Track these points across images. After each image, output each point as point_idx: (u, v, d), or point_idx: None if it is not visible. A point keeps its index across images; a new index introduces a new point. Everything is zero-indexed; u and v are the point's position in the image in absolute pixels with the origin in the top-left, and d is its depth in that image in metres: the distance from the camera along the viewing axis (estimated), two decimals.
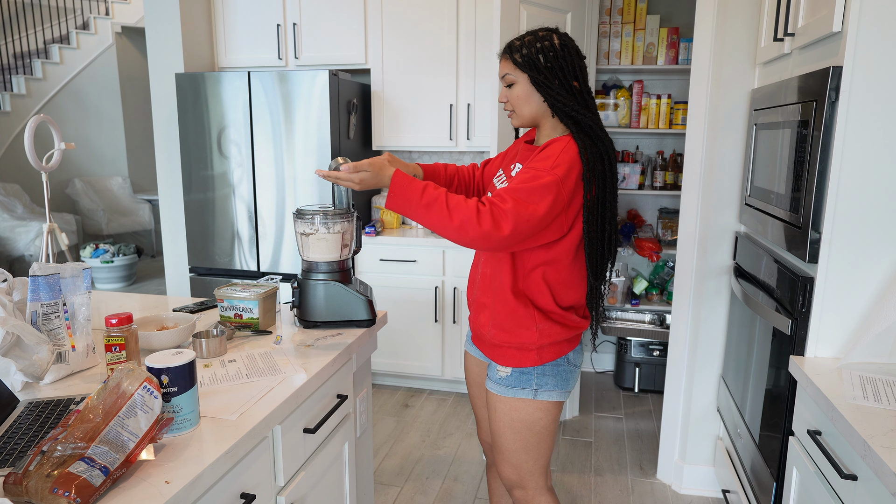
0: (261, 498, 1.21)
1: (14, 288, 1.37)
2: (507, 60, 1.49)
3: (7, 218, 5.53)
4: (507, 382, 1.56)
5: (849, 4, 1.41)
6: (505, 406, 1.57)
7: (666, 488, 2.57)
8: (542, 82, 1.45)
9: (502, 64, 1.51)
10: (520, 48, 1.47)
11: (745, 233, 2.26)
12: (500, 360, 1.57)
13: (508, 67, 1.49)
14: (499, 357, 1.57)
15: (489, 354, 1.60)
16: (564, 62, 1.45)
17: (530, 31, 1.50)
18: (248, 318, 1.65)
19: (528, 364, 1.55)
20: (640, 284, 3.54)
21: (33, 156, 3.03)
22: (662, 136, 3.59)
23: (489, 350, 1.60)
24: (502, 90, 1.54)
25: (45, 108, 6.27)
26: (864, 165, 1.44)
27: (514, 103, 1.51)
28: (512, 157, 1.64)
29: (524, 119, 1.53)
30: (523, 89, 1.48)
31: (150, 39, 3.39)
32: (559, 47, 1.45)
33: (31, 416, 1.14)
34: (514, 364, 1.55)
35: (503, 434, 1.59)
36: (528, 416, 1.57)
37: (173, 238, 3.60)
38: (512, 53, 1.48)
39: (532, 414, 1.57)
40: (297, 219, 1.67)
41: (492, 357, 1.59)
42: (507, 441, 1.59)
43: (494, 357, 1.58)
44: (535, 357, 1.54)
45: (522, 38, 1.49)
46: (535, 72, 1.45)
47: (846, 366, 1.47)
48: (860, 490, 1.17)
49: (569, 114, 1.46)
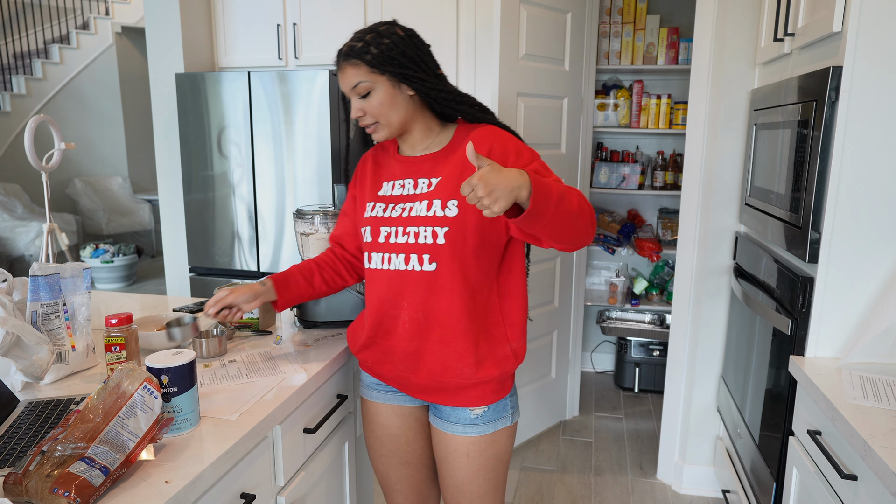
0: (261, 498, 1.21)
1: (14, 288, 1.37)
2: (357, 66, 1.24)
3: (7, 218, 5.53)
4: (485, 419, 1.35)
5: (849, 4, 1.41)
6: (480, 447, 1.36)
7: (666, 488, 2.57)
8: (412, 77, 1.24)
9: (348, 73, 1.26)
10: (367, 48, 1.23)
11: (745, 233, 2.26)
12: (474, 402, 1.34)
13: (361, 74, 1.24)
14: (471, 399, 1.34)
15: (451, 401, 1.35)
16: (420, 50, 1.27)
17: (366, 28, 1.28)
18: (248, 318, 1.65)
19: (506, 393, 1.38)
20: (640, 284, 3.54)
21: (33, 156, 3.03)
22: (662, 136, 3.58)
23: (451, 396, 1.34)
24: (355, 105, 1.28)
25: (45, 108, 6.27)
26: (864, 165, 1.44)
27: (376, 113, 1.27)
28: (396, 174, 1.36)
29: (394, 127, 1.30)
30: (385, 93, 1.25)
31: (150, 39, 3.39)
32: (409, 37, 1.27)
33: (31, 416, 1.14)
34: (493, 399, 1.35)
35: (475, 479, 1.38)
36: (502, 447, 1.39)
37: (173, 238, 3.60)
38: (360, 56, 1.24)
39: (506, 443, 1.39)
40: (297, 219, 1.67)
41: (458, 402, 1.34)
42: (478, 486, 1.39)
43: (463, 401, 1.34)
44: (509, 382, 1.38)
45: (362, 37, 1.25)
46: (399, 67, 1.23)
47: (846, 366, 1.47)
48: (860, 490, 1.17)
49: (461, 101, 1.30)
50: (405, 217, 1.30)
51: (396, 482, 1.52)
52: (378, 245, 1.34)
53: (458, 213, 1.26)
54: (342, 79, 1.28)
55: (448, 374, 1.32)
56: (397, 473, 1.51)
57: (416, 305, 1.31)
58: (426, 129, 1.34)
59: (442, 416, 1.39)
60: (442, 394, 1.35)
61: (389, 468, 1.51)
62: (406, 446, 1.48)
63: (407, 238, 1.29)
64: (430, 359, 1.33)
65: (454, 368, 1.31)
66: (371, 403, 1.48)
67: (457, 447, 1.37)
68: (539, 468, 2.72)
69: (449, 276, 1.28)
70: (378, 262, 1.34)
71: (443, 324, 1.30)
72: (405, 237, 1.29)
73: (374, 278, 1.36)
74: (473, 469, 1.37)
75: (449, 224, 1.26)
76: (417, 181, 1.32)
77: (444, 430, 1.38)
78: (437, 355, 1.32)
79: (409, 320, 1.32)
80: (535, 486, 2.57)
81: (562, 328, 3.07)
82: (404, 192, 1.33)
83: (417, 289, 1.30)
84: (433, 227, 1.27)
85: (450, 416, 1.37)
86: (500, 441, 1.38)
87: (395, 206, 1.33)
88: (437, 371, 1.33)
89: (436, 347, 1.32)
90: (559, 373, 3.09)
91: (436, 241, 1.27)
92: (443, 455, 1.40)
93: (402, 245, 1.30)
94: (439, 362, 1.32)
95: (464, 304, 1.29)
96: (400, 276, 1.31)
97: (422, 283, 1.29)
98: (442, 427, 1.39)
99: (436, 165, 1.31)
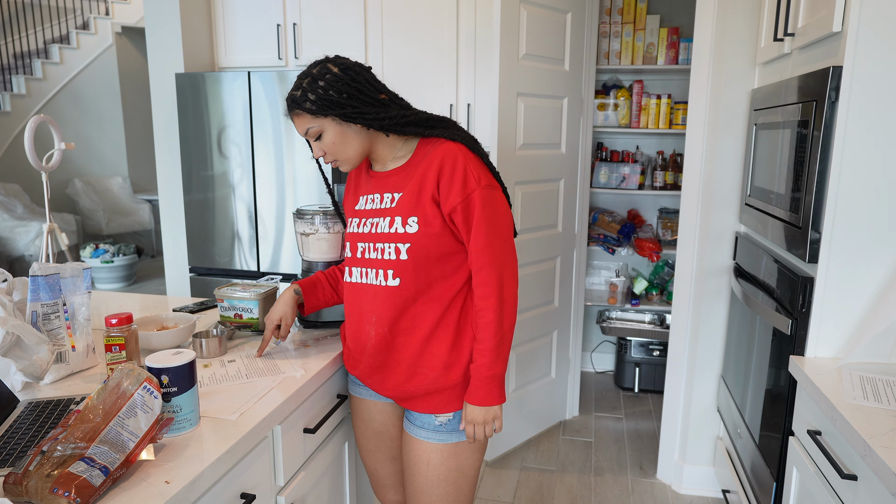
0: (261, 498, 1.21)
1: (14, 288, 1.37)
2: (301, 115, 1.30)
3: (7, 218, 5.53)
4: (448, 428, 1.37)
5: (849, 4, 1.41)
6: (442, 456, 1.37)
7: (666, 488, 2.57)
8: (353, 114, 1.28)
9: (296, 121, 1.32)
10: (305, 96, 1.28)
11: (745, 233, 2.26)
12: (439, 408, 1.36)
13: (307, 121, 1.30)
14: (436, 405, 1.36)
15: (417, 407, 1.38)
16: (357, 83, 1.29)
17: (303, 72, 1.32)
18: (248, 318, 1.65)
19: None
20: (640, 284, 3.54)
21: (33, 156, 3.03)
22: (662, 136, 3.58)
23: (418, 402, 1.38)
24: (314, 147, 1.34)
25: (45, 108, 6.27)
26: (864, 165, 1.44)
27: (333, 152, 1.33)
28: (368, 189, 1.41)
29: (354, 159, 1.35)
30: (335, 133, 1.30)
31: (150, 39, 3.39)
32: (342, 72, 1.29)
33: (31, 416, 1.14)
34: (457, 406, 1.36)
35: (434, 489, 1.39)
36: (466, 461, 1.39)
37: (173, 238, 3.60)
38: (301, 106, 1.29)
39: (471, 457, 1.40)
40: (296, 219, 1.67)
41: (423, 409, 1.37)
42: (437, 497, 1.39)
43: (428, 407, 1.37)
44: None
45: (299, 85, 1.30)
46: (338, 108, 1.28)
47: (846, 366, 1.47)
48: (860, 490, 1.17)
49: (407, 122, 1.32)
50: (373, 234, 1.35)
51: (385, 477, 1.56)
52: (357, 260, 1.39)
53: (419, 228, 1.30)
54: (295, 125, 1.34)
55: (413, 381, 1.36)
56: (385, 469, 1.55)
57: (382, 320, 1.35)
58: (388, 147, 1.38)
59: (410, 419, 1.42)
60: (410, 401, 1.39)
61: (377, 464, 1.55)
62: (391, 442, 1.52)
63: (377, 254, 1.35)
64: (396, 369, 1.37)
65: (420, 375, 1.36)
66: (357, 399, 1.53)
67: (418, 452, 1.39)
68: (539, 468, 2.72)
69: (413, 290, 1.33)
70: (358, 276, 1.39)
71: (408, 336, 1.35)
72: (375, 253, 1.35)
73: (350, 292, 1.43)
74: (433, 478, 1.39)
75: (410, 241, 1.30)
76: (384, 196, 1.36)
77: (409, 433, 1.42)
78: (403, 365, 1.36)
79: (375, 335, 1.37)
80: (535, 486, 2.57)
81: (562, 328, 3.07)
82: (373, 207, 1.37)
83: (385, 304, 1.35)
84: (395, 243, 1.32)
85: (416, 419, 1.40)
86: (465, 454, 1.39)
87: (366, 220, 1.38)
88: (402, 380, 1.37)
89: (401, 357, 1.36)
90: (559, 373, 3.09)
91: (398, 256, 1.31)
92: (406, 459, 1.43)
93: (373, 261, 1.35)
94: (404, 372, 1.37)
95: (431, 314, 1.34)
96: (371, 291, 1.37)
97: (388, 298, 1.34)
98: (409, 430, 1.42)
99: (399, 181, 1.35)
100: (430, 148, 1.33)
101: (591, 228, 3.56)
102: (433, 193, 1.29)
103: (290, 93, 1.32)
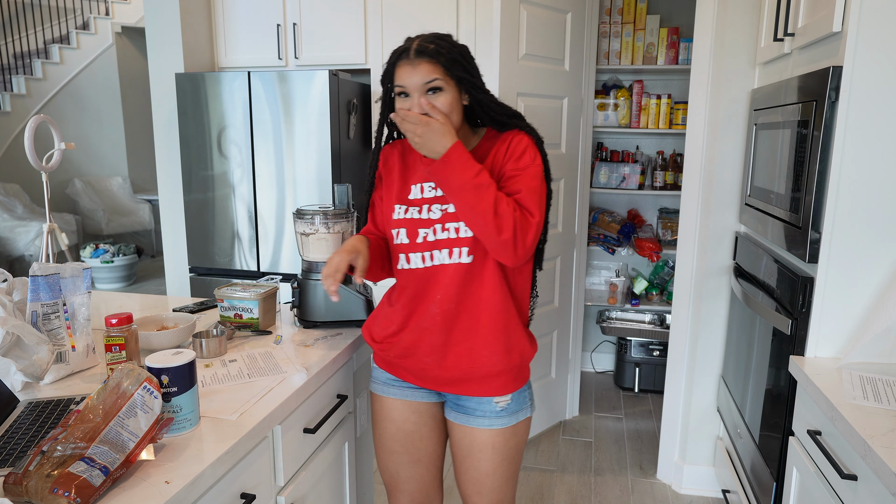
0: (261, 498, 1.21)
1: (14, 288, 1.37)
2: (433, 64, 1.27)
3: (7, 218, 5.53)
4: (509, 410, 1.40)
5: (849, 4, 1.41)
6: (504, 438, 1.41)
7: (666, 488, 2.57)
8: (474, 87, 1.32)
9: (423, 68, 1.27)
10: (441, 51, 1.28)
11: (745, 233, 2.26)
12: (499, 391, 1.39)
13: (436, 72, 1.27)
14: (496, 388, 1.38)
15: (474, 391, 1.39)
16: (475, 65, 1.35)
17: (430, 34, 1.32)
18: (248, 318, 1.65)
19: (525, 380, 1.43)
20: (640, 284, 3.54)
21: (33, 156, 3.03)
22: (662, 136, 3.58)
23: (476, 385, 1.38)
24: (417, 100, 1.28)
25: (45, 108, 6.27)
26: (864, 165, 1.44)
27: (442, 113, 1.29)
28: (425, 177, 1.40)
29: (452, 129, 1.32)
30: (453, 96, 1.30)
31: (150, 39, 3.39)
32: (467, 50, 1.34)
33: (31, 416, 1.14)
34: (515, 387, 1.40)
35: (497, 471, 1.42)
36: (521, 438, 1.44)
37: (173, 238, 3.60)
38: (436, 57, 1.27)
39: (524, 434, 1.44)
40: (297, 219, 1.67)
41: (482, 392, 1.39)
42: (497, 477, 1.43)
43: (489, 390, 1.38)
44: (527, 371, 1.44)
45: (433, 40, 1.30)
46: (466, 75, 1.30)
47: (846, 366, 1.47)
48: (860, 490, 1.17)
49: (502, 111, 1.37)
50: (444, 215, 1.35)
51: (405, 481, 1.52)
52: (416, 245, 1.38)
53: None
54: (411, 73, 1.28)
55: (476, 363, 1.36)
56: (406, 472, 1.52)
57: (449, 297, 1.35)
58: (464, 136, 1.40)
59: (465, 411, 1.42)
60: (467, 384, 1.39)
61: (399, 466, 1.51)
62: (419, 443, 1.50)
63: (447, 234, 1.35)
64: (457, 349, 1.37)
65: (482, 357, 1.36)
66: (385, 399, 1.50)
67: (483, 440, 1.41)
68: (539, 468, 2.72)
69: (485, 266, 1.35)
70: (419, 261, 1.38)
71: (473, 313, 1.36)
72: (445, 233, 1.35)
73: (407, 278, 1.41)
74: (497, 460, 1.42)
75: None
76: None
77: (467, 425, 1.42)
78: (465, 345, 1.37)
79: (440, 312, 1.36)
80: (535, 486, 2.57)
81: (562, 328, 3.07)
82: (437, 194, 1.37)
83: (453, 281, 1.35)
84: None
85: (475, 409, 1.41)
86: (521, 432, 1.44)
87: (430, 206, 1.37)
88: (464, 361, 1.37)
89: (464, 337, 1.37)
90: (559, 373, 3.09)
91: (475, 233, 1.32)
92: (466, 449, 1.44)
93: (443, 241, 1.35)
94: (467, 353, 1.37)
95: (498, 292, 1.36)
96: (439, 270, 1.36)
97: (458, 274, 1.35)
98: (466, 422, 1.42)
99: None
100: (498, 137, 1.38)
101: (591, 228, 3.56)
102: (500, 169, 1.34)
103: (419, 42, 1.29)
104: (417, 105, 1.28)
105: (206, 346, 1.46)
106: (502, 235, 1.25)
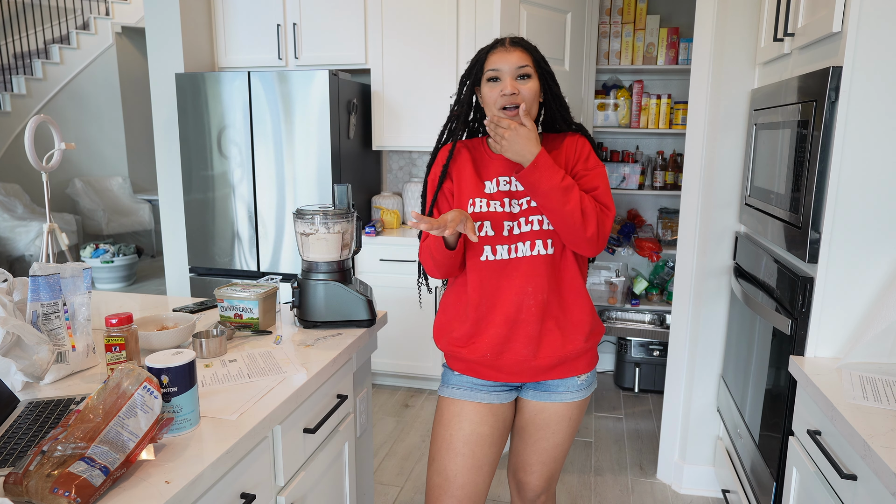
0: (261, 498, 1.21)
1: (14, 288, 1.37)
2: (527, 54, 1.39)
3: (7, 218, 5.53)
4: (586, 383, 1.52)
5: (849, 4, 1.41)
6: (580, 409, 1.53)
7: (666, 488, 2.57)
8: (553, 85, 1.45)
9: (518, 54, 1.38)
10: (531, 46, 1.43)
11: (745, 233, 2.26)
12: (584, 368, 1.50)
13: (528, 60, 1.39)
14: (582, 366, 1.49)
15: (563, 373, 1.47)
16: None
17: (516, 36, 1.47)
18: (248, 318, 1.65)
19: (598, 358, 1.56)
20: (640, 284, 3.54)
21: (33, 156, 3.03)
22: (662, 136, 3.59)
23: (566, 367, 1.47)
24: (510, 83, 1.37)
25: (45, 108, 6.27)
26: (864, 165, 1.44)
27: (529, 99, 1.38)
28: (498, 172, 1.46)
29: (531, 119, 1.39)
30: (537, 87, 1.41)
31: (150, 39, 3.39)
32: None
33: (32, 416, 1.14)
34: (595, 363, 1.53)
35: (566, 441, 1.54)
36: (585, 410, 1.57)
37: (173, 238, 3.60)
38: (530, 50, 1.41)
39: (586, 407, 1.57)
40: (297, 219, 1.67)
41: (570, 372, 1.48)
42: (564, 449, 1.54)
43: (575, 369, 1.48)
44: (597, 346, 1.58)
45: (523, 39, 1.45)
46: (549, 75, 1.44)
47: (846, 366, 1.47)
48: (860, 490, 1.17)
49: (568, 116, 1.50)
50: (526, 209, 1.42)
51: (459, 487, 1.47)
52: (502, 238, 1.43)
53: None
54: (506, 58, 1.38)
55: (568, 347, 1.45)
56: (465, 477, 1.47)
57: (541, 287, 1.41)
58: None
59: (546, 389, 1.50)
60: (558, 369, 1.47)
61: (460, 470, 1.47)
62: (487, 448, 1.48)
63: (531, 226, 1.42)
64: (550, 337, 1.44)
65: (575, 341, 1.45)
66: (465, 403, 1.49)
67: (562, 413, 1.50)
68: None
69: (565, 255, 1.44)
70: (504, 253, 1.43)
71: (562, 300, 1.44)
72: (528, 226, 1.42)
73: (491, 271, 1.44)
74: (569, 432, 1.53)
75: None
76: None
77: (548, 401, 1.50)
78: (558, 332, 1.44)
79: (535, 304, 1.42)
80: None
81: None
82: (511, 189, 1.44)
83: (541, 271, 1.42)
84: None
85: (558, 387, 1.50)
86: (587, 404, 1.58)
87: (511, 200, 1.44)
88: (558, 348, 1.44)
89: (557, 324, 1.44)
90: None
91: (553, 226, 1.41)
92: (543, 422, 1.52)
93: (528, 233, 1.42)
94: (559, 338, 1.44)
95: (578, 277, 1.46)
96: (526, 263, 1.42)
97: (545, 265, 1.42)
98: (547, 399, 1.50)
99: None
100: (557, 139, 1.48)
101: None
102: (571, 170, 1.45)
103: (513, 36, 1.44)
104: (509, 85, 1.37)
105: (206, 346, 1.46)
106: (588, 232, 1.35)
